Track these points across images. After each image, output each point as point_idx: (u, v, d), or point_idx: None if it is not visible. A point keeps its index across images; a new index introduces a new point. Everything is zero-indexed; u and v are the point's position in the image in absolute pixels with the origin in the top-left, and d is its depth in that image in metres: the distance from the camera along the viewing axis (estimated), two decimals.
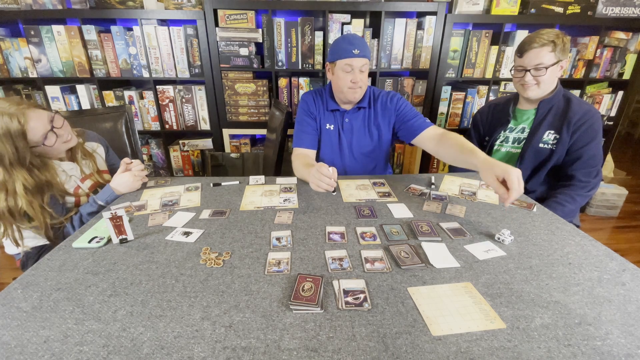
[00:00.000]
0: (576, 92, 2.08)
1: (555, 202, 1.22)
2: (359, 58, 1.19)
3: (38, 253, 1.10)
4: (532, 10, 1.86)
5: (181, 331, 0.57)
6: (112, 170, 1.26)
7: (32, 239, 1.10)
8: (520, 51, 1.20)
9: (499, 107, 1.41)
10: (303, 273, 0.71)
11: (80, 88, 1.93)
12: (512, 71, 1.28)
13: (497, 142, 1.39)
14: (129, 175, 1.10)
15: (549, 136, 1.25)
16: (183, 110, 2.02)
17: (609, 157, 2.52)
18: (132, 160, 1.14)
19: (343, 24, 1.84)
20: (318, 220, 0.95)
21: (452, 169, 1.49)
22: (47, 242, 1.09)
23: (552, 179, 1.31)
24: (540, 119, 1.26)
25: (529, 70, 1.19)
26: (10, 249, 1.11)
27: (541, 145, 1.26)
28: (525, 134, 1.31)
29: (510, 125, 1.36)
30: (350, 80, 1.21)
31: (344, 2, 1.79)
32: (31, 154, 0.95)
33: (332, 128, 1.36)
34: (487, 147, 1.41)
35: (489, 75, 2.00)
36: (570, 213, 1.23)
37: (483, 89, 2.05)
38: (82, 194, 1.09)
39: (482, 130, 1.46)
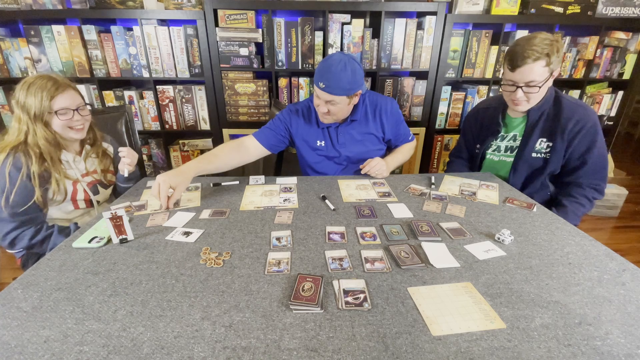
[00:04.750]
0: (576, 93, 2.08)
1: (577, 202, 1.19)
2: (323, 92, 1.12)
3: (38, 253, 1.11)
4: (532, 10, 1.86)
5: (181, 331, 0.57)
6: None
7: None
8: (512, 64, 1.09)
9: (487, 113, 1.34)
10: (303, 273, 0.71)
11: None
12: (502, 83, 1.18)
13: (489, 151, 1.34)
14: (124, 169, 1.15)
15: (542, 145, 1.20)
16: (183, 110, 2.02)
17: (609, 157, 2.51)
18: (122, 149, 1.16)
19: (343, 24, 1.84)
20: (318, 220, 0.95)
21: (450, 169, 1.49)
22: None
23: (554, 183, 1.28)
24: (531, 126, 1.21)
25: (520, 87, 1.10)
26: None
27: (534, 154, 1.22)
28: (517, 142, 1.26)
29: (501, 134, 1.31)
30: (318, 106, 1.19)
31: (344, 2, 1.79)
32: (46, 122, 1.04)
33: (323, 144, 1.33)
34: (479, 154, 1.36)
35: (489, 75, 2.00)
36: (582, 215, 1.21)
37: (483, 89, 2.05)
38: (80, 188, 1.14)
39: (472, 138, 1.41)
